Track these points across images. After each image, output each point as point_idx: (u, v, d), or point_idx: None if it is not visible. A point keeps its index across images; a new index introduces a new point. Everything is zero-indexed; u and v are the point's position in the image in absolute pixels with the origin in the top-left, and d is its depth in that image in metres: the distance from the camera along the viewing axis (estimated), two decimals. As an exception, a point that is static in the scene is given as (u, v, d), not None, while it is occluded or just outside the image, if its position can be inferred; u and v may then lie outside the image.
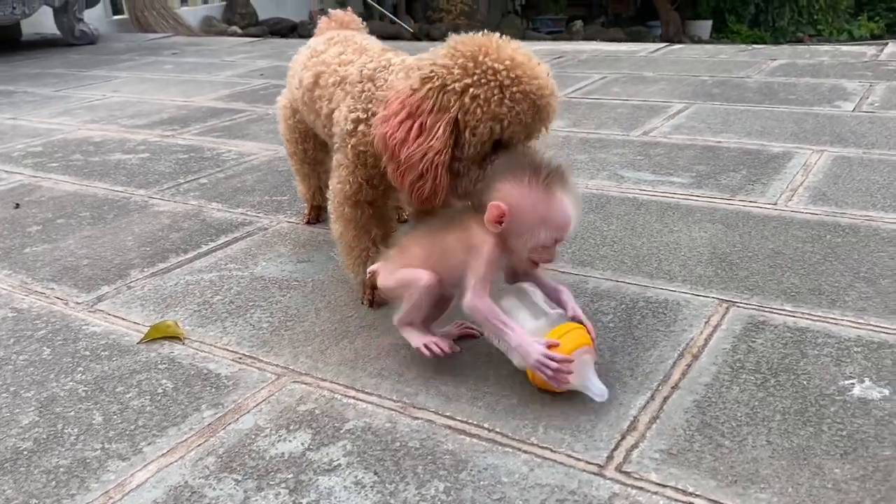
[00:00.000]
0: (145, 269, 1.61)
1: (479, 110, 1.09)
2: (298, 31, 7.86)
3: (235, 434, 1.06)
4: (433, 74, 1.12)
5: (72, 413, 1.12)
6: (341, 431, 1.05)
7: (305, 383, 1.17)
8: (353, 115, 1.27)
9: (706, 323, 1.27)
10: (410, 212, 1.58)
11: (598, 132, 2.44)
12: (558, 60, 3.75)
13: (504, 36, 1.14)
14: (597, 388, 1.06)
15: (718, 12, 9.74)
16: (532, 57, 1.13)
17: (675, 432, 1.00)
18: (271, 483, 0.96)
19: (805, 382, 1.10)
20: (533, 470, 0.95)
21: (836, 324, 1.25)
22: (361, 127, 1.26)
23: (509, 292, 1.16)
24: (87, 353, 1.29)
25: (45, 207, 2.03)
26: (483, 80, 1.08)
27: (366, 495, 0.93)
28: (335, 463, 0.99)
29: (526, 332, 1.08)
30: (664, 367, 1.15)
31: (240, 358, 1.25)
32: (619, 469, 0.94)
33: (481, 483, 0.93)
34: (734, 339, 1.22)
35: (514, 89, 1.09)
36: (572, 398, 1.08)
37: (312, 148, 1.64)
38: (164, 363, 1.24)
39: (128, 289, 1.52)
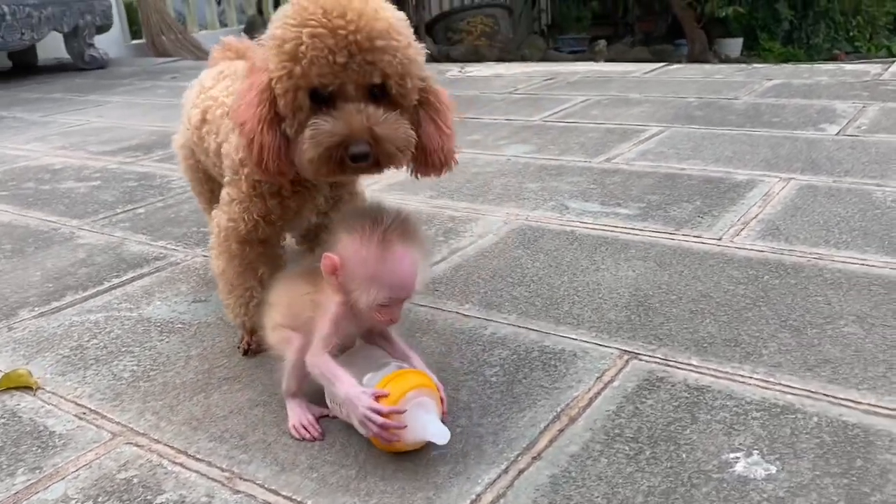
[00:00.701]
0: (36, 309, 1.53)
1: (277, 58, 0.97)
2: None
3: (39, 505, 0.95)
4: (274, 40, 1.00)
5: None
6: (151, 505, 0.94)
7: (138, 445, 1.06)
8: None
9: (598, 378, 1.13)
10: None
11: (559, 158, 2.31)
12: (548, 82, 3.63)
13: None
14: (435, 431, 0.94)
15: (750, 30, 9.52)
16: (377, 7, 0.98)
17: (516, 516, 0.87)
18: (48, 568, 0.85)
19: (684, 455, 0.96)
20: (338, 560, 0.83)
21: (742, 382, 1.10)
22: None
23: (357, 349, 1.05)
24: (-68, 404, 1.20)
25: (-30, 239, 1.97)
26: (292, 28, 0.96)
27: (141, 587, 0.81)
28: (127, 544, 0.88)
29: (357, 383, 0.96)
30: (532, 432, 1.02)
31: (84, 413, 1.15)
32: (435, 561, 0.82)
33: (275, 575, 0.82)
34: (623, 398, 1.08)
35: (315, 23, 0.95)
36: (418, 471, 0.96)
37: (217, 188, 1.51)
38: (4, 417, 1.15)
39: (8, 330, 1.44)
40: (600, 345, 1.23)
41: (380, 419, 0.93)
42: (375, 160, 0.99)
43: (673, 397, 1.08)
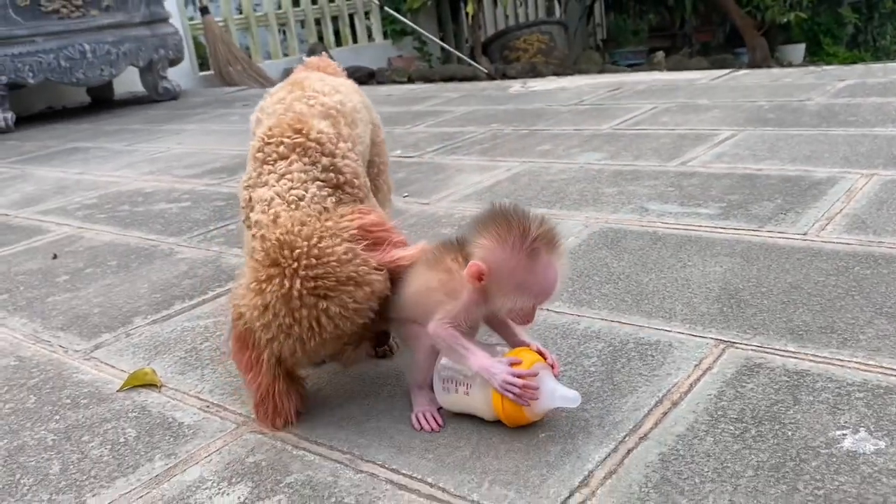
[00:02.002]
0: (149, 316, 1.63)
1: (289, 360, 1.10)
2: (376, 77, 8.04)
3: (178, 486, 1.03)
4: (241, 313, 1.09)
5: (33, 463, 1.13)
6: (281, 485, 1.00)
7: (262, 433, 1.13)
8: (244, 194, 1.27)
9: (696, 366, 1.17)
10: None
11: (634, 164, 2.34)
12: (613, 93, 3.66)
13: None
14: (567, 393, 1.01)
15: (812, 35, 9.36)
16: (328, 275, 1.04)
17: (630, 489, 0.91)
18: (196, 539, 0.92)
19: (790, 433, 0.98)
20: (464, 530, 0.88)
21: (841, 366, 1.12)
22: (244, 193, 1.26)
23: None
24: (69, 401, 1.30)
25: (79, 257, 2.10)
26: (282, 337, 1.06)
27: (284, 555, 0.88)
28: (264, 519, 0.94)
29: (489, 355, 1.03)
30: (637, 415, 1.06)
31: (207, 406, 1.23)
32: (556, 530, 0.86)
33: (406, 544, 0.87)
34: (722, 383, 1.11)
35: (313, 343, 1.06)
36: (529, 451, 1.00)
37: None
38: (135, 411, 1.24)
39: (126, 336, 1.54)
40: (695, 335, 1.26)
41: (521, 381, 0.99)
42: None
43: (773, 381, 1.10)
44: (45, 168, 3.58)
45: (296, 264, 1.04)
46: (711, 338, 1.24)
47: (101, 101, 6.06)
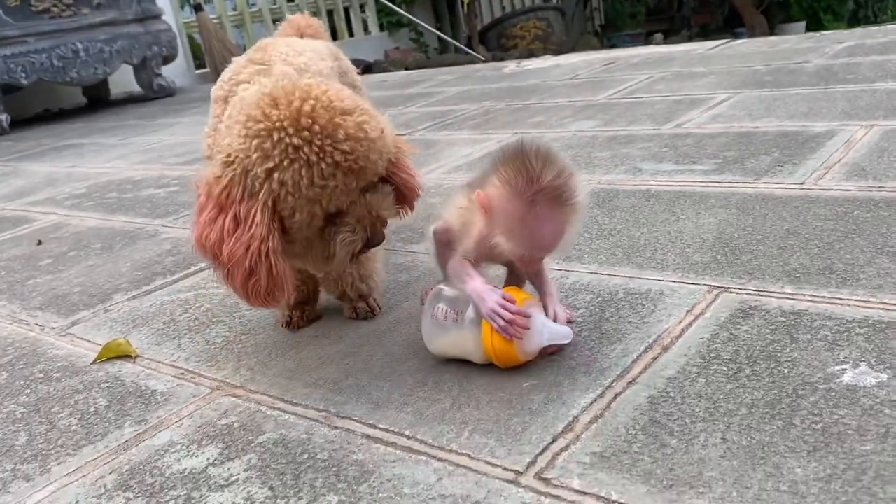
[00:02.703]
0: (129, 293, 1.58)
1: (290, 197, 0.98)
2: (374, 70, 7.98)
3: (146, 451, 0.99)
4: (232, 159, 0.99)
5: (-1, 435, 1.09)
6: (252, 445, 0.96)
7: (236, 396, 1.09)
8: (208, 141, 1.18)
9: (688, 312, 1.11)
10: None
11: (627, 129, 2.29)
12: (609, 66, 3.60)
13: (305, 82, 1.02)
14: (559, 329, 1.01)
15: (812, 13, 9.27)
16: (336, 106, 0.99)
17: (617, 432, 0.86)
18: (161, 500, 0.88)
19: (786, 371, 0.93)
20: (441, 479, 0.83)
21: (840, 304, 1.06)
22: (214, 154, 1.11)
23: None
24: (41, 375, 1.26)
25: (63, 242, 2.06)
26: (286, 162, 0.96)
27: (251, 512, 0.83)
28: (233, 478, 0.90)
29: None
30: (625, 361, 1.01)
31: (182, 374, 1.18)
32: (538, 476, 0.81)
33: (380, 496, 0.82)
34: (716, 327, 1.06)
35: (323, 165, 0.97)
36: (511, 400, 0.95)
37: None
38: (108, 381, 1.20)
39: (105, 312, 1.50)
40: (687, 283, 1.21)
41: (508, 314, 0.96)
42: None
43: (768, 322, 1.05)
44: (38, 164, 3.55)
45: (306, 94, 0.99)
46: (705, 284, 1.19)
47: (98, 102, 6.03)
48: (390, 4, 7.58)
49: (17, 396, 1.19)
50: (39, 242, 2.09)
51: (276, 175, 0.97)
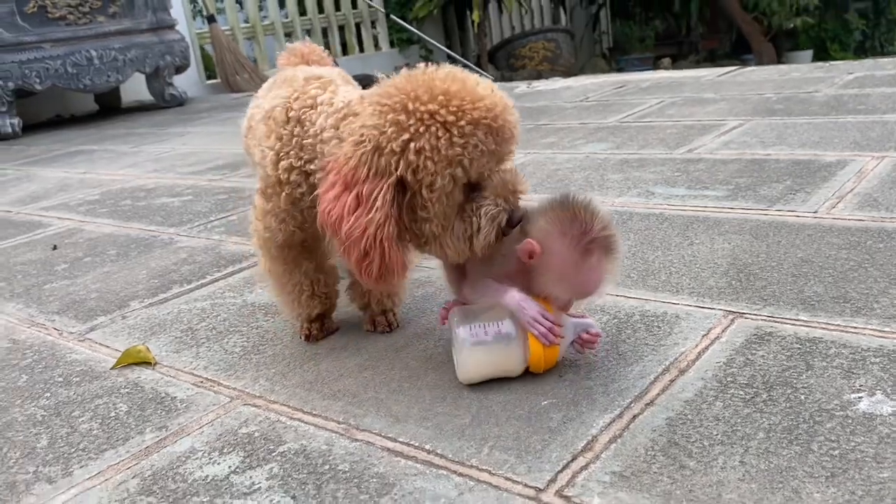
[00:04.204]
0: (145, 300, 1.60)
1: (429, 163, 0.96)
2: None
3: (168, 457, 1.00)
4: (364, 138, 0.99)
5: (21, 437, 1.10)
6: (274, 454, 0.97)
7: (256, 406, 1.10)
8: (284, 163, 1.13)
9: (704, 336, 1.13)
10: None
11: (639, 152, 2.31)
12: (619, 90, 3.63)
13: (431, 65, 1.02)
14: (584, 322, 1.08)
15: (819, 42, 9.33)
16: (468, 79, 1.00)
17: (636, 452, 0.87)
18: (184, 507, 0.89)
19: (802, 397, 0.94)
20: (462, 494, 0.84)
21: (856, 333, 1.08)
22: (295, 175, 1.13)
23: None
24: (61, 379, 1.27)
25: (79, 248, 2.08)
26: (422, 129, 0.95)
27: (274, 520, 0.84)
28: (256, 486, 0.91)
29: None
30: (643, 383, 1.02)
31: (201, 382, 1.20)
32: (559, 493, 0.82)
33: (401, 508, 0.83)
34: (732, 351, 1.07)
35: (462, 123, 0.96)
36: (531, 418, 0.97)
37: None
38: (128, 387, 1.21)
39: (122, 318, 1.51)
40: (703, 307, 1.22)
41: (548, 323, 1.02)
42: None
43: (784, 348, 1.06)
44: (50, 169, 3.57)
45: (436, 70, 1.00)
46: (720, 309, 1.21)
47: (109, 109, 6.07)
48: (401, 21, 7.63)
49: (38, 399, 1.21)
50: (55, 247, 2.11)
51: (412, 145, 0.96)
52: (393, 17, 7.73)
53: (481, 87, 1.00)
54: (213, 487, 0.92)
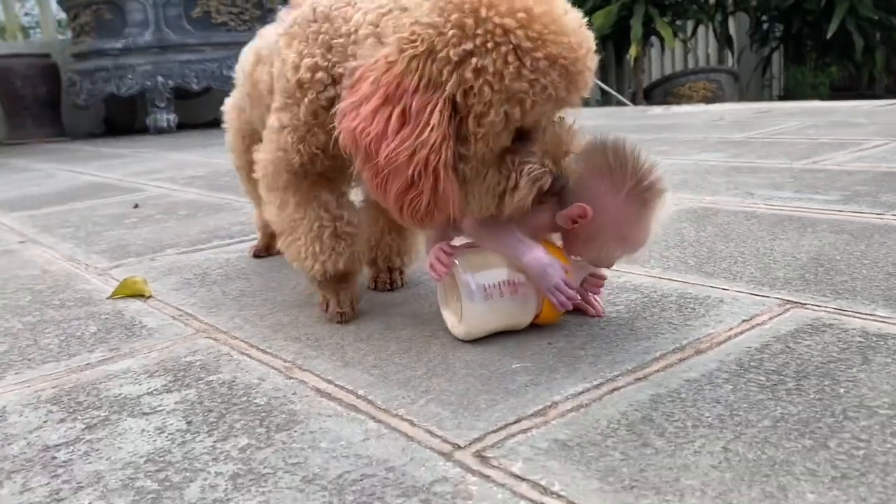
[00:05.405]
0: (181, 248, 1.55)
1: (486, 88, 0.77)
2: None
3: (100, 374, 0.91)
4: (416, 38, 0.78)
5: (-15, 344, 1.05)
6: (200, 382, 0.86)
7: (215, 339, 1.00)
8: (308, 62, 0.92)
9: (744, 321, 0.91)
10: None
11: (755, 162, 2.05)
12: (762, 113, 3.32)
13: None
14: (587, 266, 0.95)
15: None
16: (556, 3, 0.80)
17: (596, 424, 0.69)
18: (78, 417, 0.79)
19: (842, 390, 0.71)
20: (367, 440, 0.69)
21: (944, 333, 0.82)
22: (320, 75, 0.92)
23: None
24: (57, 302, 1.23)
25: (156, 208, 2.10)
26: (490, 45, 0.76)
27: (152, 440, 0.73)
28: (159, 408, 0.80)
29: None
30: (644, 358, 0.82)
31: (180, 315, 1.11)
32: (477, 453, 0.65)
33: (292, 446, 0.69)
34: (771, 338, 0.85)
35: (537, 54, 0.76)
36: (492, 377, 0.80)
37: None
38: (109, 314, 1.15)
39: (150, 261, 1.47)
40: (756, 294, 1.00)
41: (570, 291, 0.88)
42: None
43: (841, 340, 0.83)
44: (180, 154, 3.73)
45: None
46: (778, 297, 0.98)
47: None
48: (555, 52, 7.53)
49: (25, 316, 1.17)
50: (136, 206, 2.14)
51: (474, 60, 0.76)
52: (547, 46, 7.64)
53: (570, 16, 0.80)
54: (117, 404, 0.82)
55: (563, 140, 0.85)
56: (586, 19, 0.82)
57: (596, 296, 0.97)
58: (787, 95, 9.60)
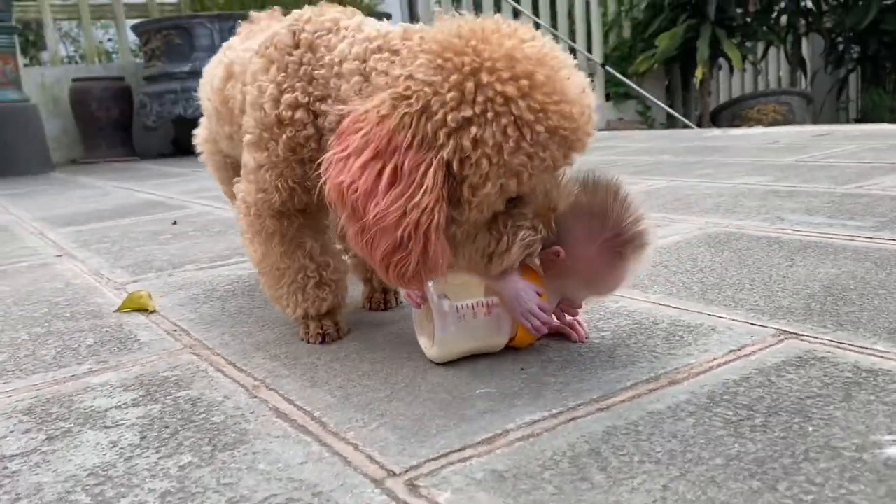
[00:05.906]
0: (201, 265, 1.58)
1: (484, 161, 0.74)
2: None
3: (80, 386, 0.93)
4: (411, 94, 0.75)
5: (-13, 354, 1.09)
6: (168, 398, 0.86)
7: (199, 355, 1.00)
8: (288, 98, 0.90)
9: (731, 351, 0.86)
10: None
11: (796, 186, 1.97)
12: (818, 137, 3.20)
13: (510, 22, 0.79)
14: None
15: None
16: (558, 63, 0.76)
17: (540, 455, 0.66)
18: (44, 428, 0.80)
19: (810, 429, 0.67)
20: (305, 463, 0.68)
21: (941, 370, 0.76)
22: (300, 114, 0.90)
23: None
24: (68, 315, 1.26)
25: (193, 225, 2.14)
26: (490, 115, 0.73)
27: (102, 454, 0.73)
28: (121, 422, 0.81)
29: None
30: (612, 388, 0.79)
31: (174, 331, 1.13)
32: (409, 482, 0.63)
33: (231, 466, 0.69)
34: (754, 370, 0.80)
35: (538, 127, 0.73)
36: (451, 403, 0.78)
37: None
38: (110, 328, 1.17)
39: (168, 276, 1.50)
40: (752, 324, 0.95)
41: (543, 316, 0.86)
42: None
43: (828, 375, 0.78)
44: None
45: (515, 34, 0.77)
46: (773, 328, 0.93)
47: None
48: (618, 75, 7.46)
49: (34, 327, 1.20)
50: (175, 223, 2.19)
51: (472, 129, 0.73)
52: (609, 69, 7.57)
53: (572, 81, 0.77)
54: (83, 416, 0.83)
55: (553, 198, 0.82)
56: (652, 46, 0.79)
57: (580, 320, 0.94)
58: (864, 118, 9.25)
